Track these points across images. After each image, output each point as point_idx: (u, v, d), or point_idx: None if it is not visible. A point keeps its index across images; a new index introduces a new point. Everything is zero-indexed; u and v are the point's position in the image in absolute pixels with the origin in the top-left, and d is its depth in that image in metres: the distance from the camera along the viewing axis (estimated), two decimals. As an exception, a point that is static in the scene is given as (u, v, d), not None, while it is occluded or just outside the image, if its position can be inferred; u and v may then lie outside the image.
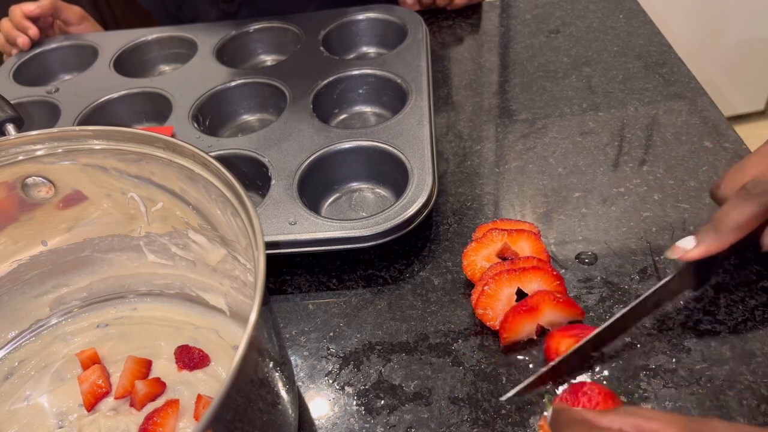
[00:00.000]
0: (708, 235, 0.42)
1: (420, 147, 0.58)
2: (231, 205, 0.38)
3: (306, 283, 0.55)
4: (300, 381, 0.48)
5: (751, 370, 0.44)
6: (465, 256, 0.51)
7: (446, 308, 0.51)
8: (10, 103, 0.60)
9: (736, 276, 0.49)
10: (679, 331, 0.46)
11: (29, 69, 0.83)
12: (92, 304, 0.53)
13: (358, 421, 0.45)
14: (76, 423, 0.45)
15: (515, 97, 0.71)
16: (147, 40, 0.83)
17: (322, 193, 0.61)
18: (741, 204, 0.41)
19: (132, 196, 0.47)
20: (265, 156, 0.61)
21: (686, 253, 0.42)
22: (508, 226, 0.52)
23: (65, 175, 0.46)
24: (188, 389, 0.46)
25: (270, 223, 0.54)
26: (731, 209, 0.42)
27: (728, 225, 0.41)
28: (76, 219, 0.48)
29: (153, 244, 0.50)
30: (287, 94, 0.69)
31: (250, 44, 0.82)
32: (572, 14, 0.83)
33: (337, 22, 0.79)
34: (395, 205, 0.53)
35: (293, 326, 0.51)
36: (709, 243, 0.42)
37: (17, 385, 0.48)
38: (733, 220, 0.41)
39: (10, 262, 0.49)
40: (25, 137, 0.44)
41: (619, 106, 0.67)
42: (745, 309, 0.47)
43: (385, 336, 0.50)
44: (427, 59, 0.70)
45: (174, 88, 0.73)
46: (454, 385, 0.45)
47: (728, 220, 0.41)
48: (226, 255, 0.46)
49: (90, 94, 0.74)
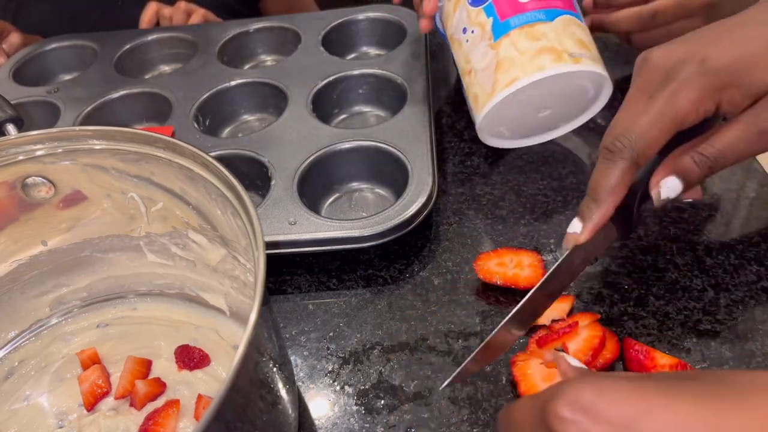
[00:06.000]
0: (590, 210, 0.41)
1: (420, 147, 0.58)
2: (231, 205, 0.38)
3: (306, 283, 0.55)
4: (300, 381, 0.48)
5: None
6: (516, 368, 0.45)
7: (446, 308, 0.51)
8: (10, 103, 0.60)
9: (736, 276, 0.49)
10: (679, 331, 0.46)
11: (29, 69, 0.83)
12: (92, 304, 0.53)
13: (358, 421, 0.45)
14: (76, 423, 0.45)
15: (515, 97, 0.71)
16: (147, 40, 0.83)
17: (322, 193, 0.61)
18: (607, 166, 0.40)
19: (132, 196, 0.47)
20: (265, 156, 0.61)
21: (578, 238, 0.41)
22: (509, 255, 0.52)
23: (65, 175, 0.46)
24: (188, 389, 0.46)
25: (270, 223, 0.54)
26: (600, 175, 0.40)
27: (603, 191, 0.40)
28: (76, 219, 0.48)
29: (153, 244, 0.50)
30: (287, 94, 0.69)
31: (250, 44, 0.82)
32: (572, 14, 0.83)
33: (337, 22, 0.79)
34: (395, 205, 0.53)
35: (293, 326, 0.51)
36: (595, 218, 0.40)
37: (17, 384, 0.48)
38: (607, 185, 0.40)
39: (10, 262, 0.49)
40: (25, 137, 0.44)
41: (619, 105, 0.67)
42: (745, 309, 0.47)
43: (385, 336, 0.50)
44: (427, 59, 0.70)
45: (174, 88, 0.73)
46: (454, 385, 0.45)
47: (601, 186, 0.40)
48: (226, 255, 0.46)
49: (90, 94, 0.74)
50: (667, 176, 0.41)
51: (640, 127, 0.40)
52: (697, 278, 0.50)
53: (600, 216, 0.41)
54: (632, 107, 0.42)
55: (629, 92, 0.43)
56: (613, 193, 0.40)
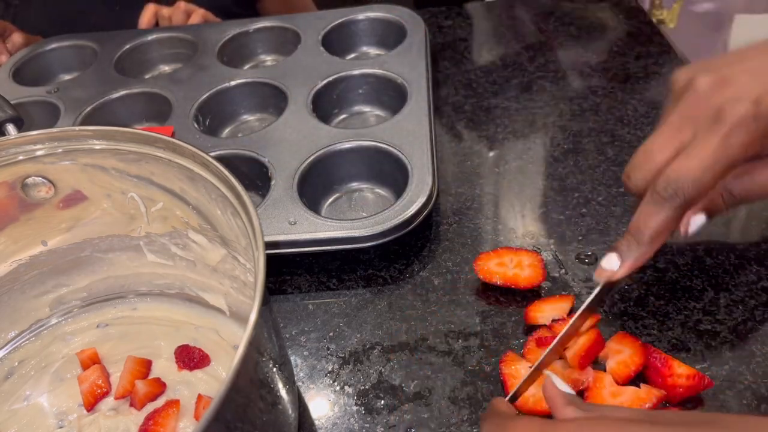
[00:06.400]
0: (631, 250, 0.41)
1: (420, 147, 0.58)
2: (231, 205, 0.38)
3: (306, 283, 0.55)
4: (300, 381, 0.48)
5: (751, 370, 0.44)
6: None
7: (446, 308, 0.51)
8: (10, 103, 0.60)
9: (736, 276, 0.49)
10: (679, 331, 0.46)
11: (29, 69, 0.83)
12: (92, 304, 0.53)
13: (358, 421, 0.45)
14: (76, 423, 0.45)
15: (515, 97, 0.71)
16: (147, 40, 0.83)
17: (322, 193, 0.61)
18: (656, 210, 0.40)
19: (132, 196, 0.47)
20: (265, 156, 0.61)
21: (615, 274, 0.41)
22: (509, 255, 0.51)
23: (65, 175, 0.46)
24: (188, 389, 0.46)
25: (270, 223, 0.54)
26: (647, 217, 0.40)
27: (648, 235, 0.40)
28: (76, 219, 0.48)
29: (153, 244, 0.50)
30: (287, 94, 0.69)
31: (250, 44, 0.82)
32: (572, 14, 0.83)
33: (337, 22, 0.79)
34: (395, 205, 0.53)
35: (293, 326, 0.51)
36: (635, 258, 0.41)
37: (17, 384, 0.48)
38: (652, 229, 0.40)
39: (10, 262, 0.49)
40: (25, 137, 0.44)
41: (619, 106, 0.67)
42: (745, 309, 0.47)
43: (385, 336, 0.50)
44: (427, 59, 0.70)
45: (174, 88, 0.73)
46: (454, 385, 0.45)
47: (647, 229, 0.40)
48: (226, 255, 0.46)
49: (90, 94, 0.74)
50: (697, 213, 0.41)
51: (694, 172, 0.38)
52: (697, 278, 0.50)
53: (641, 257, 0.41)
54: (673, 137, 0.40)
55: (671, 117, 0.41)
56: (658, 238, 0.40)
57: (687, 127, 0.40)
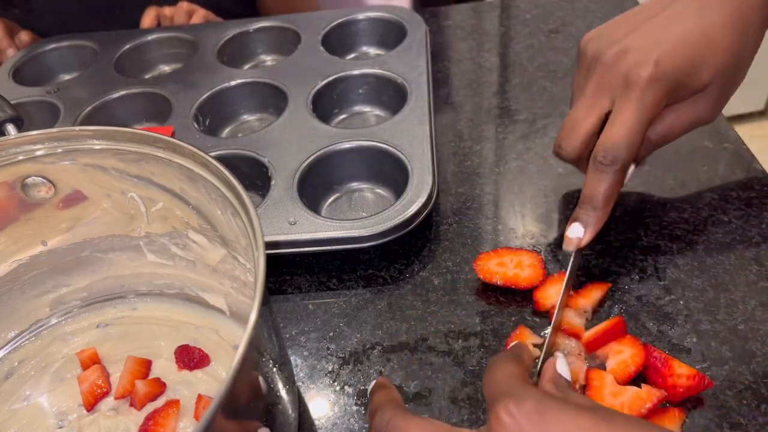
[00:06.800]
0: (590, 216, 0.47)
1: (420, 147, 0.58)
2: (231, 205, 0.38)
3: (306, 283, 0.55)
4: (300, 381, 0.48)
5: (751, 370, 0.44)
6: None
7: (446, 308, 0.51)
8: (10, 103, 0.59)
9: (736, 276, 0.49)
10: (679, 331, 0.46)
11: (29, 69, 0.83)
12: (92, 304, 0.53)
13: (358, 421, 0.45)
14: (76, 423, 0.45)
15: (515, 97, 0.71)
16: (147, 40, 0.83)
17: (322, 193, 0.61)
18: (602, 178, 0.46)
19: (132, 196, 0.47)
20: (265, 156, 0.61)
21: (581, 241, 0.47)
22: (509, 255, 0.51)
23: (65, 175, 0.46)
24: (188, 389, 0.46)
25: (270, 223, 0.54)
26: (596, 185, 0.46)
27: (601, 200, 0.46)
28: (76, 219, 0.48)
29: (153, 244, 0.50)
30: (287, 94, 0.69)
31: (250, 44, 0.82)
32: (572, 14, 0.83)
33: (337, 22, 0.79)
34: (395, 205, 0.53)
35: (293, 326, 0.51)
36: (595, 222, 0.47)
37: (17, 385, 0.48)
38: (603, 195, 0.46)
39: (10, 262, 0.49)
40: (25, 137, 0.44)
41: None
42: (745, 309, 0.47)
43: (385, 336, 0.50)
44: (427, 59, 0.70)
45: (174, 88, 0.73)
46: (454, 385, 0.45)
47: (599, 195, 0.46)
48: (226, 255, 0.46)
49: (90, 94, 0.74)
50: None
51: (624, 138, 0.45)
52: (697, 278, 0.50)
53: (599, 221, 0.47)
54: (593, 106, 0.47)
55: (587, 89, 0.48)
56: (609, 200, 0.46)
57: (603, 96, 0.47)
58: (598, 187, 0.46)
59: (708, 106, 0.48)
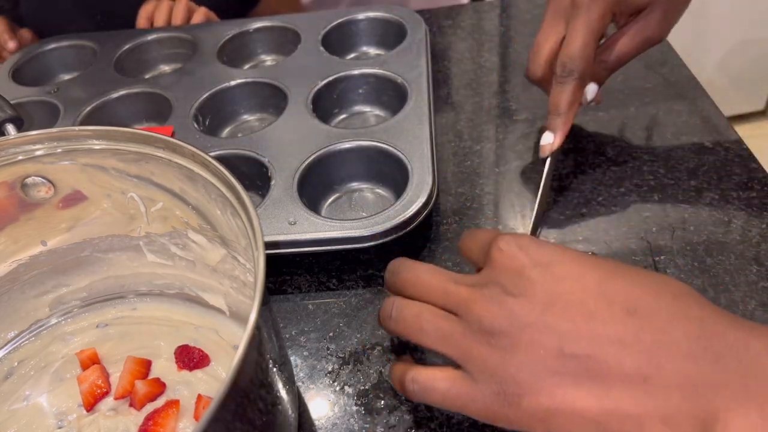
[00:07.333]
0: (557, 123, 0.54)
1: (420, 147, 0.58)
2: (231, 205, 0.38)
3: (306, 283, 0.55)
4: (300, 381, 0.48)
5: (751, 370, 0.44)
6: None
7: (446, 308, 0.50)
8: (10, 103, 0.60)
9: (736, 276, 0.49)
10: (679, 331, 0.46)
11: (29, 69, 0.83)
12: (92, 304, 0.52)
13: (358, 422, 0.45)
14: (76, 423, 0.45)
15: (515, 97, 0.71)
16: (147, 40, 0.83)
17: (322, 193, 0.61)
18: (562, 89, 0.52)
19: (132, 196, 0.47)
20: (265, 156, 0.61)
21: (553, 145, 0.54)
22: None
23: (65, 175, 0.46)
24: (188, 389, 0.46)
25: (270, 223, 0.54)
26: (558, 95, 0.53)
27: (563, 107, 0.53)
28: (75, 219, 0.48)
29: (153, 244, 0.50)
30: (287, 94, 0.69)
31: (250, 44, 0.82)
32: (572, 14, 0.83)
33: (337, 22, 0.79)
34: (395, 205, 0.53)
35: (293, 326, 0.51)
36: (561, 127, 0.54)
37: (17, 385, 0.48)
38: (566, 102, 0.53)
39: (10, 262, 0.49)
40: (24, 137, 0.44)
41: (619, 106, 0.67)
42: (745, 309, 0.47)
43: (385, 336, 0.50)
44: (427, 59, 0.70)
45: (174, 88, 0.73)
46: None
47: (561, 103, 0.53)
48: (226, 255, 0.46)
49: (90, 94, 0.74)
50: (588, 84, 0.54)
51: (578, 50, 0.51)
52: (697, 278, 0.50)
53: (565, 125, 0.54)
54: (551, 27, 0.54)
55: (546, 17, 0.55)
56: (572, 107, 0.53)
57: (558, 20, 0.54)
58: (560, 96, 0.53)
59: (655, 24, 0.52)
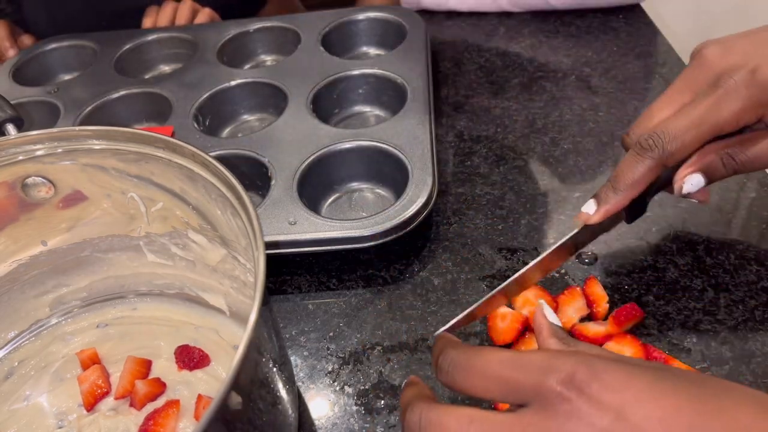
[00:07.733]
0: (607, 196, 0.43)
1: (420, 147, 0.58)
2: (231, 205, 0.38)
3: (306, 283, 0.55)
4: (300, 381, 0.48)
5: (751, 370, 0.44)
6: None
7: (446, 308, 0.51)
8: (10, 103, 0.60)
9: (736, 276, 0.49)
10: (679, 332, 0.46)
11: (29, 69, 0.83)
12: (92, 304, 0.52)
13: (358, 421, 0.45)
14: (76, 423, 0.45)
15: (515, 97, 0.71)
16: (147, 40, 0.83)
17: (322, 193, 0.61)
18: (635, 160, 0.42)
19: (132, 196, 0.47)
20: (265, 156, 0.61)
21: (590, 218, 0.43)
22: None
23: (65, 175, 0.46)
24: (188, 389, 0.46)
25: (270, 223, 0.54)
26: (626, 167, 0.42)
27: (624, 183, 0.42)
28: (76, 219, 0.48)
29: (153, 244, 0.50)
30: (287, 94, 0.69)
31: (250, 44, 0.82)
32: (572, 14, 0.83)
33: (337, 22, 0.79)
34: (395, 205, 0.53)
35: (293, 326, 0.51)
36: (609, 204, 0.43)
37: (17, 384, 0.48)
38: (629, 178, 0.42)
39: (10, 262, 0.49)
40: (25, 137, 0.44)
41: (619, 106, 0.67)
42: (745, 309, 0.47)
43: (385, 336, 0.50)
44: (427, 59, 0.70)
45: (174, 88, 0.73)
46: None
47: (624, 177, 0.42)
48: (226, 255, 0.46)
49: (90, 94, 0.74)
50: (694, 173, 0.42)
51: (676, 129, 0.40)
52: (697, 278, 0.50)
53: (615, 204, 0.43)
54: (674, 100, 0.43)
55: (676, 82, 0.43)
56: (633, 187, 0.42)
57: (688, 91, 0.42)
58: (627, 169, 0.42)
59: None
